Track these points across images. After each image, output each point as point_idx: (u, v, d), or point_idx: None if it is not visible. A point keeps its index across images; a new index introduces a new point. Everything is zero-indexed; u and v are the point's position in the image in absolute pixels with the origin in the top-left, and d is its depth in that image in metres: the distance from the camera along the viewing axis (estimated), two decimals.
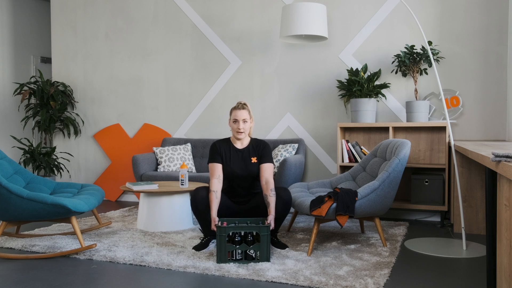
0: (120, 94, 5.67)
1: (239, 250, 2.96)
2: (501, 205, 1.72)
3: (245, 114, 3.29)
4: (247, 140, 3.41)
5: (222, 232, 2.95)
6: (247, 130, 3.33)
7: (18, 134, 6.55)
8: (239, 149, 3.37)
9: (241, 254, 2.97)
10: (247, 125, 3.32)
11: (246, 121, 3.30)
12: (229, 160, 3.34)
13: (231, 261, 2.96)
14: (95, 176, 5.80)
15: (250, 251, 2.97)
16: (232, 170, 3.32)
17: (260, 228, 2.97)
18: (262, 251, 2.96)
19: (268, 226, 2.99)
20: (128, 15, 5.61)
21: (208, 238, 3.31)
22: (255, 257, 2.97)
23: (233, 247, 2.96)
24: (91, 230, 3.92)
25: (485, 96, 4.28)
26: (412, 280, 2.67)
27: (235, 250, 2.96)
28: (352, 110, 4.42)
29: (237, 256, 2.97)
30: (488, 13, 4.25)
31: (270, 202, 3.16)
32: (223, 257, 2.95)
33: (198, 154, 5.13)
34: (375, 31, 4.62)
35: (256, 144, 3.40)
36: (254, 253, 2.97)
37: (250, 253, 2.96)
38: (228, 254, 2.97)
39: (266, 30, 5.01)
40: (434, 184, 4.12)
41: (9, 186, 3.08)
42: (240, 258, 2.97)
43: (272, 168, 3.33)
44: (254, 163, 3.34)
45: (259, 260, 2.97)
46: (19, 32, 6.63)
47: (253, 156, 3.36)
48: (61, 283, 2.63)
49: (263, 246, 2.96)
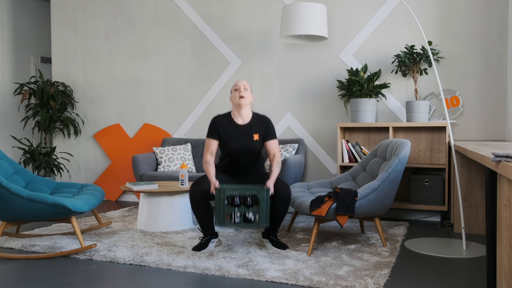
0: (120, 94, 5.67)
1: (238, 213, 2.95)
2: (501, 205, 1.72)
3: (246, 82, 3.32)
4: (249, 115, 3.33)
5: (221, 194, 2.94)
6: (248, 98, 3.27)
7: (18, 134, 6.56)
8: (240, 125, 3.30)
9: (240, 217, 2.95)
10: (248, 93, 3.28)
11: (247, 89, 3.29)
12: (229, 136, 3.27)
13: (230, 224, 2.95)
14: (95, 176, 5.80)
15: (249, 214, 2.95)
16: (232, 146, 3.25)
17: (259, 191, 2.95)
18: (261, 214, 2.95)
19: (268, 190, 2.98)
20: (128, 15, 5.61)
21: (207, 238, 3.29)
22: (254, 221, 2.95)
23: (232, 209, 2.94)
24: (91, 230, 3.92)
25: (485, 96, 4.28)
26: (412, 280, 2.67)
27: (234, 213, 2.94)
28: (352, 110, 4.42)
29: (236, 219, 2.95)
30: (488, 13, 4.25)
31: (273, 171, 3.16)
32: (221, 219, 2.94)
33: (198, 154, 5.13)
34: (375, 31, 4.62)
35: (258, 120, 3.33)
36: (253, 217, 2.95)
37: (249, 217, 2.95)
38: (227, 217, 2.95)
39: (266, 30, 5.01)
40: (434, 184, 4.12)
41: (9, 186, 3.08)
42: (239, 222, 2.95)
43: (277, 142, 3.35)
44: (256, 141, 3.27)
45: (258, 224, 2.95)
46: (19, 32, 6.63)
47: (256, 133, 3.28)
48: (61, 283, 2.63)
49: (262, 209, 2.94)
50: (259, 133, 3.30)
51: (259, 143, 3.30)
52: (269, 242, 3.33)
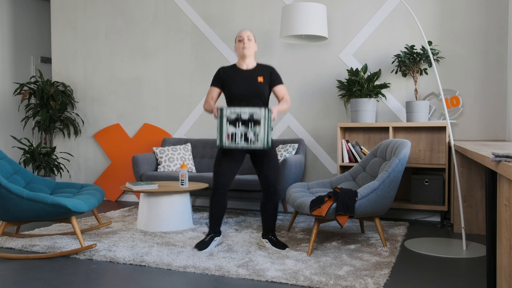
0: (120, 94, 5.67)
1: (239, 133, 3.00)
2: (501, 205, 1.72)
3: (250, 32, 3.38)
4: (253, 63, 3.41)
5: (222, 114, 3.01)
6: (252, 47, 3.35)
7: (18, 134, 6.56)
8: (244, 70, 3.37)
9: (241, 137, 3.00)
10: (252, 43, 3.35)
11: (251, 39, 3.35)
12: (233, 80, 3.32)
13: (230, 144, 3.01)
14: (95, 176, 5.80)
15: (250, 135, 3.00)
16: (237, 88, 3.29)
17: (260, 111, 2.99)
18: (262, 134, 3.00)
19: (269, 110, 3.02)
20: (128, 15, 5.61)
21: (211, 236, 3.33)
22: (254, 141, 3.01)
23: (234, 128, 3.00)
24: (91, 230, 3.92)
25: (485, 96, 4.28)
26: (412, 280, 2.67)
27: (236, 133, 3.00)
28: (352, 110, 4.42)
29: (237, 139, 3.01)
30: (488, 13, 4.25)
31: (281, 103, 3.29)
32: (223, 139, 3.01)
33: (198, 154, 5.13)
34: (375, 31, 4.62)
35: (262, 66, 3.42)
36: (254, 138, 3.00)
37: (250, 137, 3.00)
38: (228, 137, 3.00)
39: (266, 30, 5.01)
40: (434, 184, 4.12)
41: (9, 186, 3.08)
42: (239, 142, 3.01)
43: (285, 88, 3.40)
44: (260, 83, 3.31)
45: (258, 144, 3.00)
46: (19, 32, 6.63)
47: (260, 76, 3.34)
48: (61, 283, 2.63)
49: (263, 130, 2.99)
50: (264, 76, 3.35)
51: (264, 86, 3.33)
52: (268, 242, 3.33)
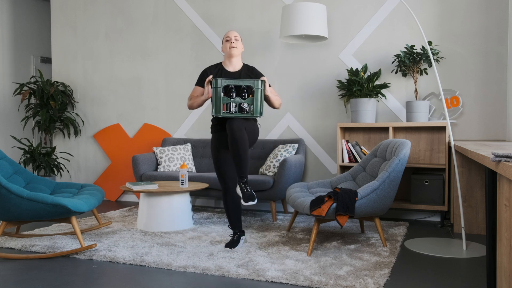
0: (120, 94, 5.67)
1: (234, 104, 3.10)
2: (501, 205, 1.72)
3: (237, 33, 3.44)
4: (240, 63, 3.46)
5: (217, 85, 3.10)
6: (239, 48, 3.40)
7: (18, 134, 6.55)
8: (230, 72, 3.42)
9: (236, 107, 3.11)
10: (239, 44, 3.40)
11: (238, 39, 3.41)
12: None
13: (226, 114, 3.10)
14: (95, 176, 5.80)
15: (244, 105, 3.11)
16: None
17: (254, 82, 3.11)
18: (256, 104, 3.11)
19: (263, 81, 3.13)
20: (128, 15, 5.61)
21: (238, 235, 3.39)
22: (249, 111, 3.11)
23: (228, 99, 3.10)
24: (91, 230, 3.92)
25: (485, 96, 4.28)
26: (412, 280, 2.67)
27: (230, 103, 3.10)
28: (352, 110, 4.42)
29: (232, 109, 3.10)
30: (488, 13, 4.25)
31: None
32: (218, 109, 3.10)
33: (198, 154, 5.13)
34: (375, 31, 4.62)
35: (248, 68, 3.47)
36: (248, 107, 3.12)
37: (244, 107, 3.11)
38: (223, 107, 3.10)
39: (266, 30, 5.01)
40: (434, 184, 4.12)
41: (9, 186, 3.08)
42: (234, 111, 3.11)
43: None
44: None
45: (252, 114, 3.11)
46: (19, 32, 6.63)
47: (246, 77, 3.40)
48: (61, 283, 2.63)
49: (257, 99, 3.11)
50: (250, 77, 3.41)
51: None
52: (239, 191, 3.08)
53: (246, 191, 2.99)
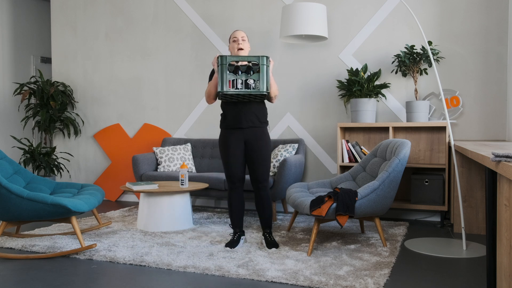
0: (120, 94, 5.67)
1: (240, 80, 3.14)
2: (501, 205, 1.72)
3: (244, 33, 3.48)
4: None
5: (223, 61, 3.14)
6: (246, 48, 3.45)
7: (18, 134, 6.55)
8: None
9: (242, 83, 3.15)
10: (246, 44, 3.44)
11: (245, 40, 3.44)
12: None
13: (232, 90, 3.13)
14: (95, 176, 5.80)
15: (250, 81, 3.15)
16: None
17: (259, 57, 3.15)
18: (261, 80, 3.14)
19: (267, 57, 3.17)
20: (128, 15, 5.61)
21: (238, 235, 3.39)
22: (254, 87, 3.15)
23: (234, 76, 3.14)
24: (91, 230, 3.92)
25: (485, 96, 4.28)
26: (412, 280, 2.67)
27: (236, 80, 3.14)
28: (352, 110, 4.42)
29: (238, 85, 3.14)
30: (488, 13, 4.25)
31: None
32: (224, 85, 3.13)
33: (198, 154, 5.13)
34: (375, 31, 4.62)
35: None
36: (254, 84, 3.15)
37: (250, 83, 3.15)
38: (229, 84, 3.14)
39: (266, 30, 5.01)
40: (434, 184, 4.12)
41: (9, 186, 3.08)
42: (240, 88, 3.14)
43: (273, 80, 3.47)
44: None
45: (258, 90, 3.14)
46: (19, 32, 6.63)
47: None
48: (61, 283, 2.63)
49: (262, 75, 3.14)
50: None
51: None
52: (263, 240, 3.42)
53: (270, 240, 3.37)
